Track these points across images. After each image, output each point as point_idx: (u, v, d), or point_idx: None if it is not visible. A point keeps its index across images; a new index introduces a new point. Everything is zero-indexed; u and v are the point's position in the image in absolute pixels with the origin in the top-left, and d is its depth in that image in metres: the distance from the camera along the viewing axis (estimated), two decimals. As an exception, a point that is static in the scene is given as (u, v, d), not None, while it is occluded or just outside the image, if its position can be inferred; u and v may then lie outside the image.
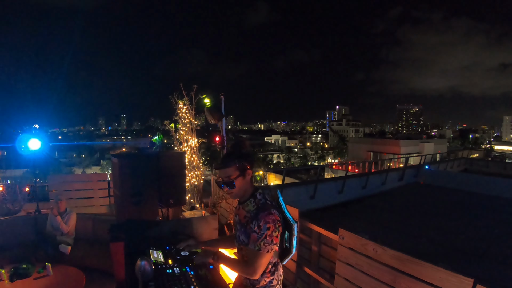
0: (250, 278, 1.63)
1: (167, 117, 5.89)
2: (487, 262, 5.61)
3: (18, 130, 33.87)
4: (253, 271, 1.59)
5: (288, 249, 1.74)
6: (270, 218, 1.57)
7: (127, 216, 3.47)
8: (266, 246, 1.57)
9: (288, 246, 1.73)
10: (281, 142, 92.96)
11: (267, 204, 1.65)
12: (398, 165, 18.18)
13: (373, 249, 2.30)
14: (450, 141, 71.34)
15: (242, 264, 1.65)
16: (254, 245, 1.58)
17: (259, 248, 1.57)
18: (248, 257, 1.63)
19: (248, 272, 1.60)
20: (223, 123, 4.68)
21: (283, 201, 1.74)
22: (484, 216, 8.74)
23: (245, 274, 1.62)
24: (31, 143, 4.82)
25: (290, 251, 1.74)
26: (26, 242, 4.01)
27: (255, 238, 1.58)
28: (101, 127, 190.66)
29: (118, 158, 3.76)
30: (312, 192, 9.07)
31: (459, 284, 1.76)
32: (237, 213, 1.78)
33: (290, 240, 1.72)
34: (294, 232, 1.72)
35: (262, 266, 1.61)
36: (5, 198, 5.04)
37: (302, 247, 3.28)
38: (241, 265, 1.65)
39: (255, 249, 1.58)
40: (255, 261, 1.58)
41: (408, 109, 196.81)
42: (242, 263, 1.66)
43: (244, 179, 1.66)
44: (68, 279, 3.10)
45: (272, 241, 1.58)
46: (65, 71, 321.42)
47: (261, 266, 1.60)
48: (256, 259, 1.58)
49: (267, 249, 1.57)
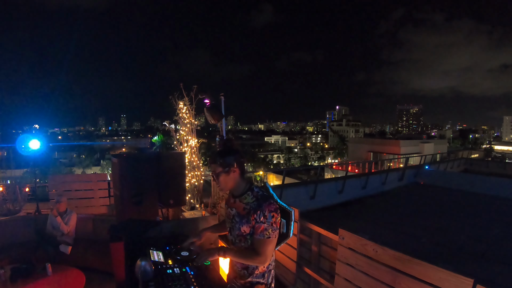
0: (261, 265, 1.74)
1: (167, 118, 5.88)
2: (487, 262, 5.61)
3: (18, 130, 33.96)
4: (264, 259, 1.69)
5: (285, 234, 1.87)
6: (273, 207, 1.70)
7: (127, 216, 3.48)
8: (274, 232, 1.69)
9: (285, 231, 1.86)
10: (281, 142, 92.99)
11: (266, 195, 1.76)
12: (398, 165, 18.20)
13: (373, 249, 2.29)
14: (450, 141, 71.36)
15: (251, 253, 1.72)
16: (263, 234, 1.68)
17: (269, 235, 1.68)
18: (257, 246, 1.70)
19: (260, 260, 1.70)
20: (223, 124, 4.67)
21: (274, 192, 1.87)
22: (484, 216, 8.73)
23: (256, 262, 1.71)
24: (31, 143, 4.82)
25: (287, 235, 1.87)
26: (26, 242, 4.01)
27: (262, 227, 1.67)
28: (101, 127, 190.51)
29: (118, 158, 3.76)
30: (312, 192, 9.07)
31: (459, 284, 1.76)
32: (234, 207, 1.83)
33: (287, 225, 1.86)
34: (292, 218, 1.86)
35: (271, 252, 1.73)
36: (5, 198, 5.04)
37: (302, 247, 3.28)
38: (250, 254, 1.72)
39: (264, 238, 1.68)
40: (266, 248, 1.68)
41: (408, 109, 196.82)
42: (250, 252, 1.72)
43: (228, 175, 1.76)
44: (68, 279, 3.10)
45: (277, 227, 1.72)
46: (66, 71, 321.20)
47: (271, 252, 1.73)
48: (267, 247, 1.69)
49: (274, 234, 1.70)
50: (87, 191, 5.65)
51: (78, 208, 5.16)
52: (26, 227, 4.24)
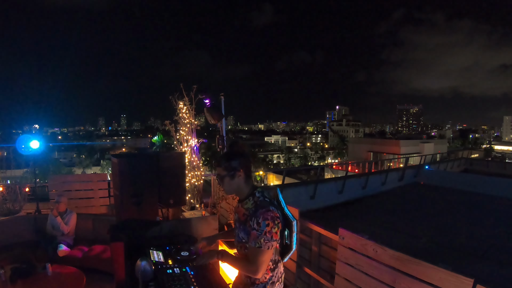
0: (253, 276, 1.64)
1: (167, 118, 5.88)
2: (487, 262, 5.61)
3: (18, 130, 33.99)
4: (255, 269, 1.60)
5: (288, 246, 1.76)
6: (269, 215, 1.59)
7: (127, 216, 3.48)
8: (266, 242, 1.58)
9: (288, 243, 1.75)
10: (281, 142, 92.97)
11: (265, 202, 1.67)
12: (398, 165, 18.20)
13: (373, 249, 2.29)
14: (450, 141, 71.38)
15: (244, 262, 1.66)
16: (255, 242, 1.59)
17: (260, 245, 1.58)
18: (249, 255, 1.63)
19: (251, 270, 1.61)
20: (223, 124, 4.67)
21: (283, 199, 1.77)
22: (484, 216, 8.73)
23: (248, 272, 1.64)
24: (31, 143, 4.82)
25: (290, 248, 1.76)
26: (26, 242, 4.01)
27: (255, 235, 1.59)
28: (101, 127, 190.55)
29: (118, 158, 3.76)
30: (312, 192, 9.07)
31: (459, 284, 1.76)
32: (237, 211, 1.79)
33: (290, 237, 1.74)
34: (294, 229, 1.74)
35: (264, 263, 1.61)
36: (5, 198, 5.04)
37: (302, 247, 3.28)
38: (244, 263, 1.66)
39: (255, 246, 1.59)
40: (257, 258, 1.59)
41: (408, 109, 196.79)
42: (245, 261, 1.66)
43: (233, 179, 1.70)
44: (68, 279, 3.10)
45: (272, 238, 1.59)
46: (66, 71, 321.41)
47: (263, 263, 1.61)
48: (258, 256, 1.59)
49: (267, 245, 1.58)
50: (87, 191, 5.65)
51: (78, 208, 5.16)
52: (26, 227, 4.24)
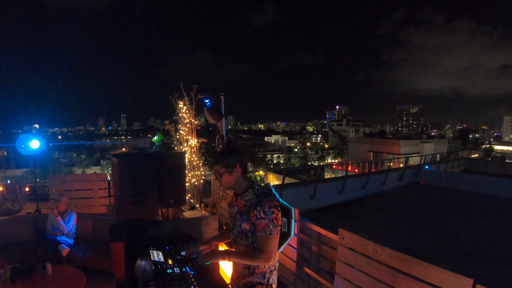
0: (266, 263, 1.71)
1: (167, 118, 5.87)
2: (487, 262, 5.61)
3: (18, 130, 34.01)
4: (268, 256, 1.67)
5: (286, 233, 1.85)
6: (273, 203, 1.70)
7: (127, 216, 3.48)
8: (275, 228, 1.68)
9: (286, 231, 1.84)
10: (281, 142, 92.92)
11: (266, 192, 1.78)
12: (398, 165, 18.19)
13: (373, 249, 2.29)
14: (450, 141, 71.30)
15: (254, 253, 1.71)
16: (265, 231, 1.66)
17: (270, 231, 1.66)
18: (258, 244, 1.69)
19: (264, 258, 1.68)
20: (223, 123, 4.67)
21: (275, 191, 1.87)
22: (484, 216, 8.74)
23: (260, 261, 1.70)
24: (31, 143, 4.82)
25: (289, 234, 1.86)
26: (26, 242, 4.01)
27: (263, 224, 1.66)
28: (101, 127, 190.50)
29: (118, 157, 3.76)
30: (312, 192, 9.08)
31: (459, 284, 1.76)
32: (235, 205, 1.85)
33: (289, 224, 1.85)
34: (292, 215, 1.86)
35: (275, 249, 1.70)
36: (5, 197, 5.04)
37: (302, 247, 3.28)
38: (254, 254, 1.71)
39: (266, 234, 1.66)
40: (268, 245, 1.67)
41: (408, 109, 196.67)
42: (254, 252, 1.72)
43: (231, 175, 1.78)
44: (68, 279, 3.10)
45: (279, 223, 1.70)
46: (66, 71, 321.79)
47: (275, 249, 1.70)
48: (269, 243, 1.67)
49: (276, 231, 1.68)
50: (87, 190, 5.65)
51: (78, 207, 5.16)
52: (26, 227, 4.23)
